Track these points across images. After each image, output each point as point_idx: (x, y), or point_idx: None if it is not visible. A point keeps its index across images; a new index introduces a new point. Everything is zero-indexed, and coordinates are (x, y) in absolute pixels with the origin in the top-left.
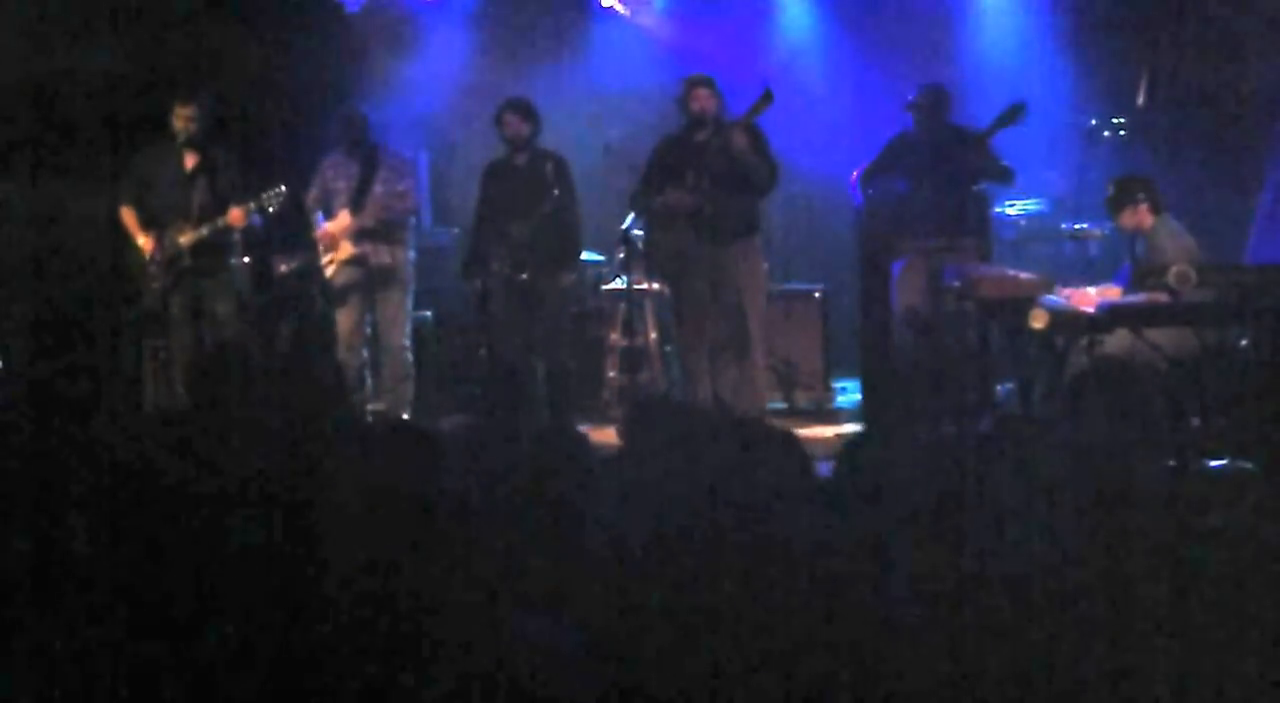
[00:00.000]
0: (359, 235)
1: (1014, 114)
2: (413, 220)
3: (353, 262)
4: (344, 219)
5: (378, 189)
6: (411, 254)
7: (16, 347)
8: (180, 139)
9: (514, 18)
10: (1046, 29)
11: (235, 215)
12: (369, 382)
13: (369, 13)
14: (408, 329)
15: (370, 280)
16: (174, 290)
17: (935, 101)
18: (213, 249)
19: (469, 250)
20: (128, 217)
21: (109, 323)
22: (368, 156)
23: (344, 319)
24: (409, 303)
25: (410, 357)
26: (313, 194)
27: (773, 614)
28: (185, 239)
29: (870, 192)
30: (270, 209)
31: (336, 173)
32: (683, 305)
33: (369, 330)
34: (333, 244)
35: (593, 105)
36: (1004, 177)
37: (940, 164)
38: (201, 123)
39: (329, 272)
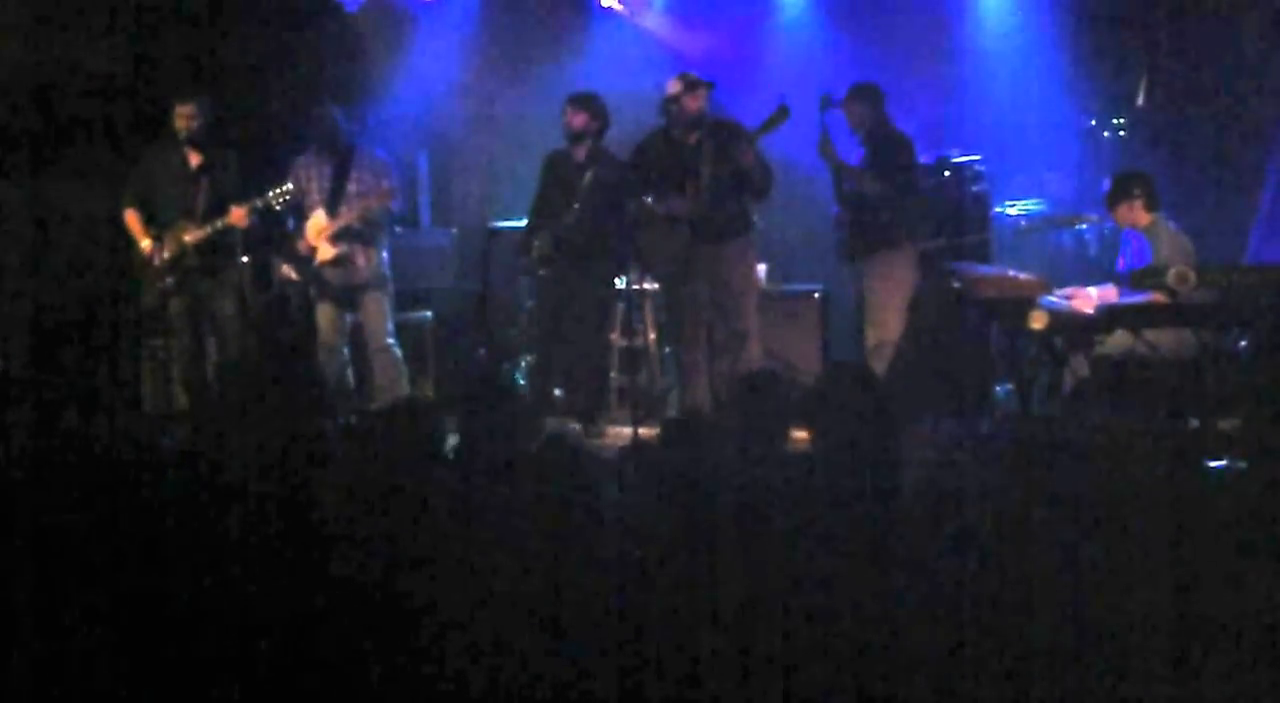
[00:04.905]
0: (336, 236)
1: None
2: (390, 220)
3: (332, 263)
4: (320, 221)
5: (351, 189)
6: (385, 254)
7: (16, 347)
8: (182, 138)
9: (514, 18)
10: (1047, 28)
11: (237, 215)
12: (350, 383)
13: (368, 12)
14: (390, 327)
15: (350, 282)
16: (176, 291)
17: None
18: (215, 249)
19: (521, 238)
20: (131, 219)
21: (109, 323)
22: (342, 157)
23: (324, 321)
24: (388, 302)
25: (399, 353)
26: None
27: (774, 613)
28: (190, 238)
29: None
30: (276, 208)
31: (309, 174)
32: (679, 306)
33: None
34: (310, 249)
35: None
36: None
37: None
38: (202, 122)
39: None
